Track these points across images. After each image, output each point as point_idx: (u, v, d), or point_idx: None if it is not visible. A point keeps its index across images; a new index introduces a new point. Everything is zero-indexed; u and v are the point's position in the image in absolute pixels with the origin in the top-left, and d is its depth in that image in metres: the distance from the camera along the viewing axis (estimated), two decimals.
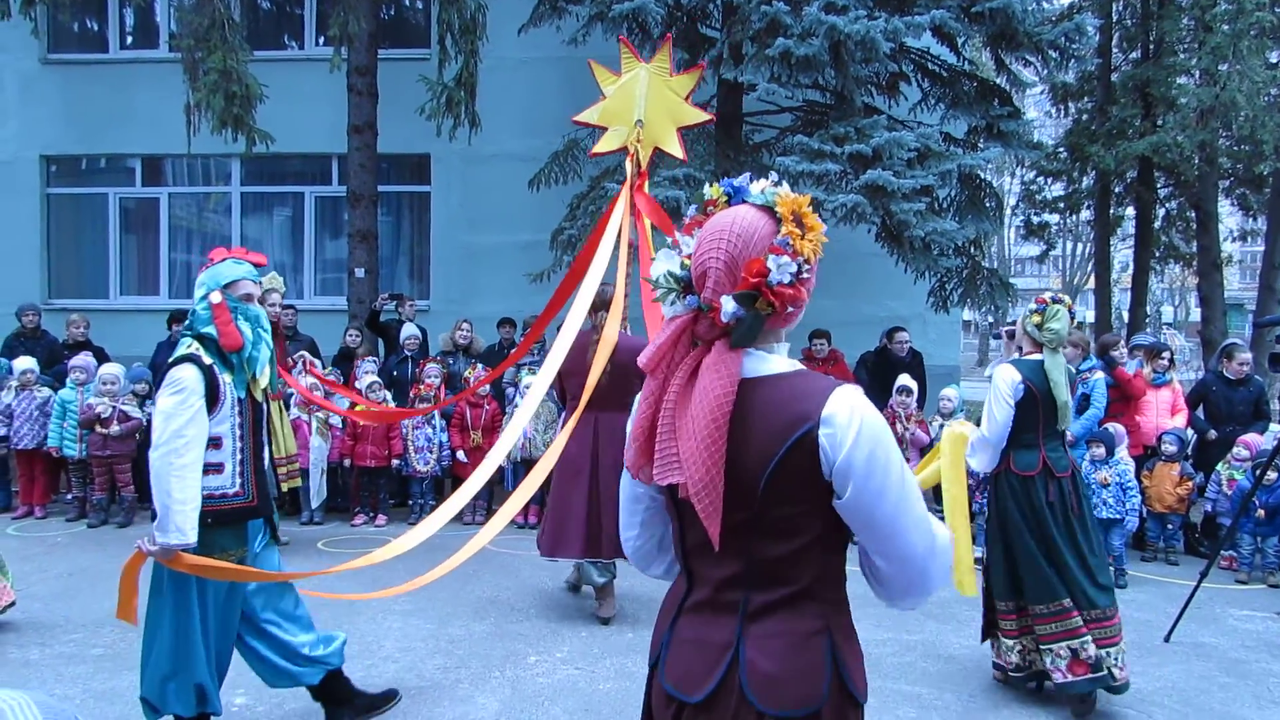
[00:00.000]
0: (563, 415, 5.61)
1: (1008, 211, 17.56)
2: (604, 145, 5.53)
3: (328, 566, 5.83)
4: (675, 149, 5.63)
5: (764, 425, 1.47)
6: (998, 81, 9.80)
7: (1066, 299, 4.23)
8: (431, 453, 7.66)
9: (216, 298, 3.15)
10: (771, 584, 1.52)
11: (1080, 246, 32.11)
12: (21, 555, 6.20)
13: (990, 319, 20.46)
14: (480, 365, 7.99)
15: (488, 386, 7.56)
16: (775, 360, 1.55)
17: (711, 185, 1.57)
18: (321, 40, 11.59)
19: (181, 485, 2.95)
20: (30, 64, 11.89)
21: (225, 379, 3.13)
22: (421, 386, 7.61)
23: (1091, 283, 21.68)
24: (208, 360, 3.08)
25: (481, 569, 6.06)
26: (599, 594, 5.26)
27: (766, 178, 1.58)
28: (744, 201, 1.55)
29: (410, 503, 7.79)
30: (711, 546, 1.46)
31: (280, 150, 9.59)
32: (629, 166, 5.37)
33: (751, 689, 1.47)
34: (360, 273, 9.74)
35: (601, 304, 5.05)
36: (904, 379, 7.45)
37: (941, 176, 8.13)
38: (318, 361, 7.83)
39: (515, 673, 4.40)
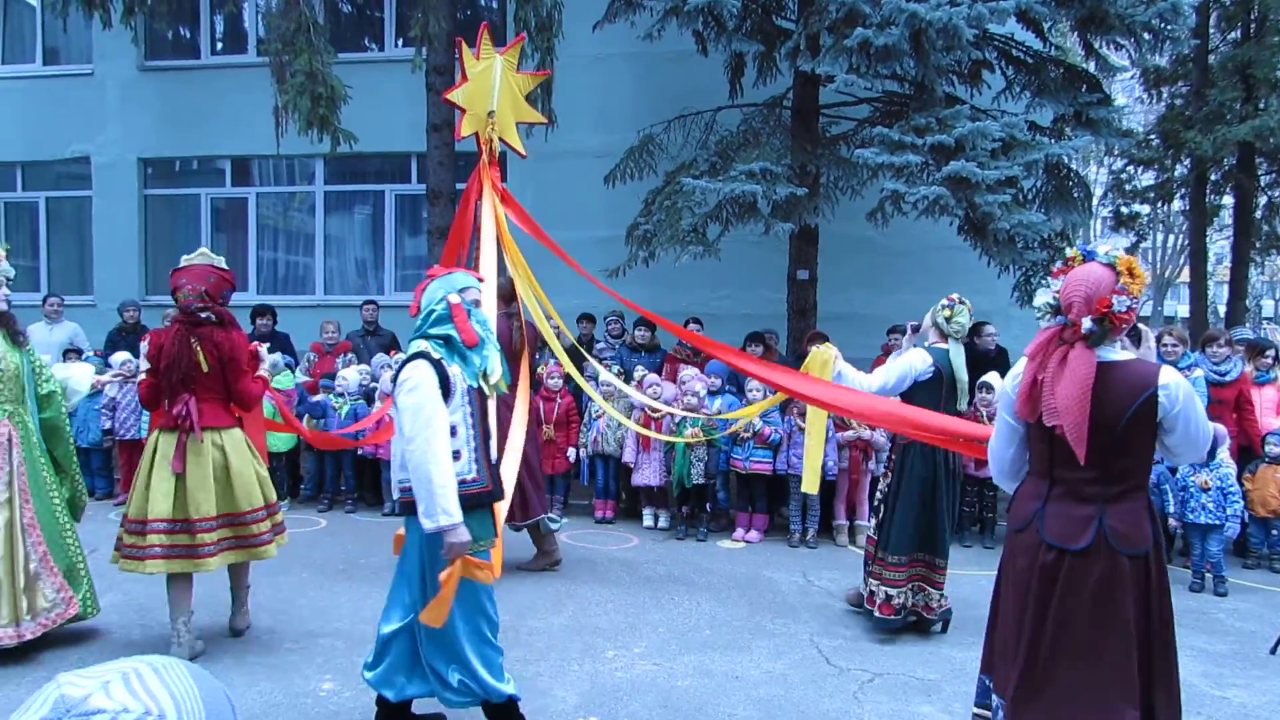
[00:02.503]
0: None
1: (1096, 202, 16.96)
2: (466, 128, 5.65)
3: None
4: (518, 144, 5.93)
5: (1118, 389, 2.57)
6: (1086, 67, 9.46)
7: (968, 301, 5.14)
8: None
9: (455, 299, 3.38)
10: (1118, 481, 2.62)
11: (1172, 238, 30.83)
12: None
13: None
14: (553, 361, 8.05)
15: (559, 380, 7.60)
16: (1116, 352, 2.66)
17: (1072, 249, 2.73)
18: (401, 41, 11.83)
19: (439, 470, 3.12)
20: (129, 71, 12.41)
21: (454, 370, 3.30)
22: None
23: (1185, 275, 20.81)
24: (436, 355, 3.27)
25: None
26: (549, 542, 6.05)
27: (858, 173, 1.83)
28: (1093, 258, 2.68)
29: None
30: (1076, 460, 2.55)
31: (361, 149, 9.82)
32: (482, 155, 5.61)
33: (1113, 539, 2.58)
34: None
35: (508, 295, 5.76)
36: (988, 376, 7.25)
37: (1027, 167, 7.88)
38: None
39: (594, 667, 4.42)
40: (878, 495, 5.20)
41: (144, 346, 4.62)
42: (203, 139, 12.26)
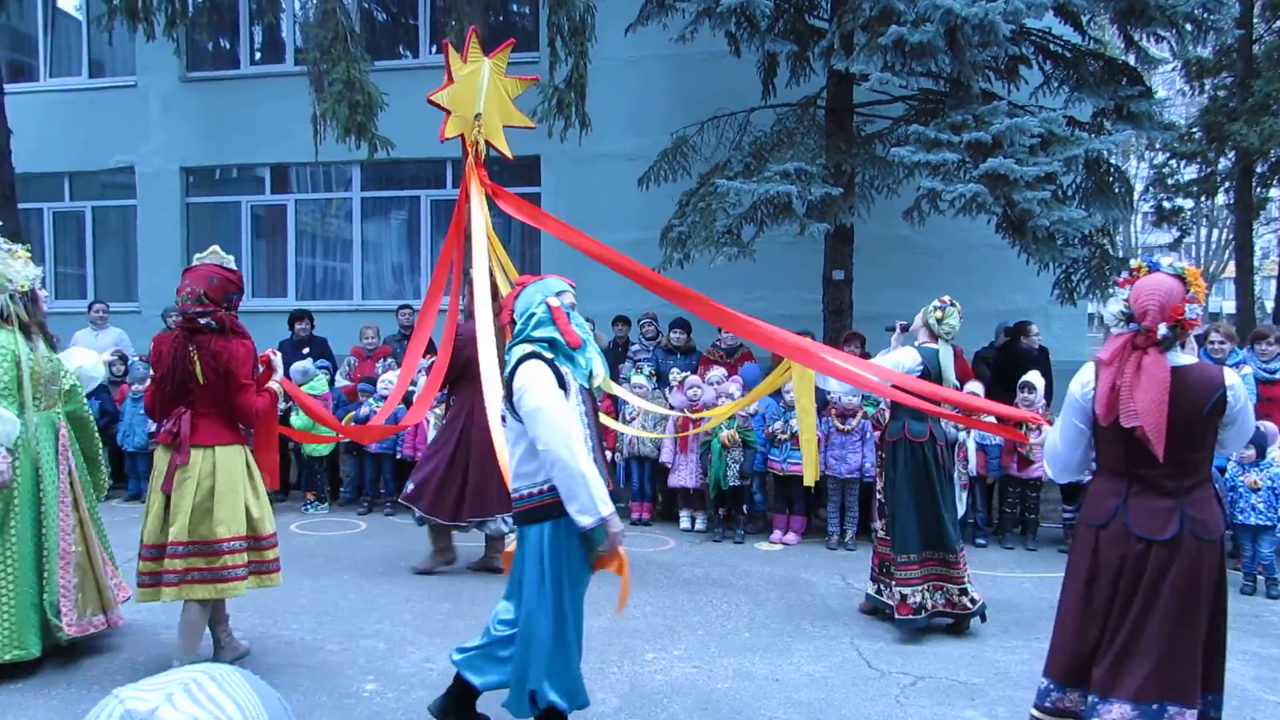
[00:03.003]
0: (455, 398, 6.11)
1: (1137, 197, 16.66)
2: (450, 130, 5.75)
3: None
4: (504, 147, 6.06)
5: (1191, 391, 2.82)
6: (1126, 60, 9.30)
7: (959, 304, 5.22)
8: None
9: (555, 302, 3.37)
10: (1191, 474, 2.88)
11: (1216, 232, 30.19)
12: None
13: None
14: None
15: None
16: (1183, 356, 2.91)
17: (1136, 261, 2.99)
18: (435, 48, 11.94)
19: (587, 463, 3.11)
20: (171, 82, 12.66)
21: (566, 370, 3.30)
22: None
23: (1230, 270, 20.36)
24: (549, 355, 3.27)
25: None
26: (496, 544, 6.02)
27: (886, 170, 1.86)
28: (1158, 269, 2.93)
29: None
30: (1153, 458, 2.77)
31: (397, 156, 9.92)
32: (468, 157, 5.71)
33: (1195, 528, 2.82)
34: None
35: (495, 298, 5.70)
36: (1030, 375, 7.15)
37: (1066, 162, 7.76)
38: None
39: (633, 669, 4.43)
40: (878, 497, 5.25)
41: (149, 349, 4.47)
42: (242, 147, 12.47)
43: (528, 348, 3.29)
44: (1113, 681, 2.85)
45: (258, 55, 13.05)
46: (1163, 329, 2.82)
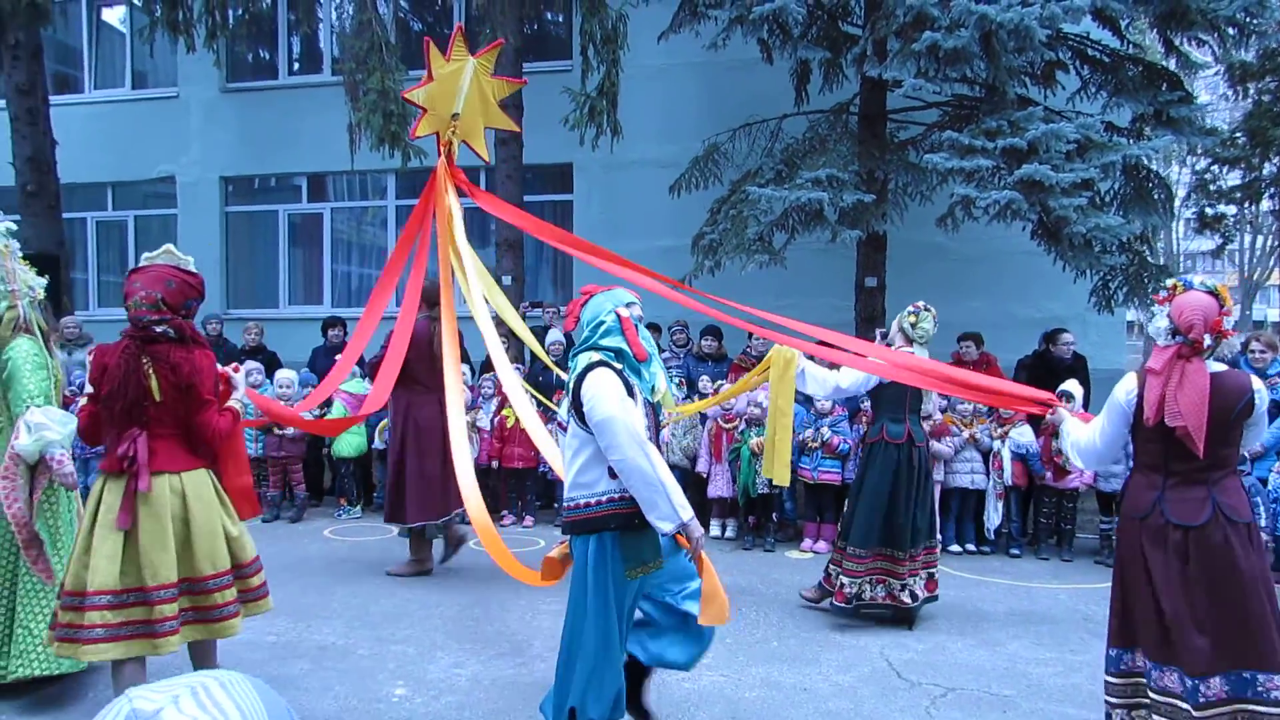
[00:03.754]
0: (404, 399, 6.09)
1: (1178, 203, 16.37)
2: (423, 128, 5.67)
3: (477, 569, 6.03)
4: (482, 148, 6.01)
5: (1225, 394, 3.19)
6: (1166, 64, 9.15)
7: (933, 309, 5.40)
8: None
9: (625, 313, 3.34)
10: (1221, 466, 3.24)
11: (1260, 239, 29.54)
12: None
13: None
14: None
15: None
16: (1215, 364, 3.30)
17: (1173, 280, 3.35)
18: None
19: (662, 468, 3.06)
20: (211, 93, 12.91)
21: (634, 382, 3.26)
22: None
23: (1275, 278, 19.92)
24: (618, 365, 3.22)
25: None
26: (451, 541, 6.15)
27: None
28: (1191, 287, 3.28)
29: (556, 505, 7.97)
30: (1190, 454, 3.13)
31: (431, 164, 9.98)
32: (440, 156, 5.69)
33: (1225, 512, 3.18)
34: (506, 280, 10.04)
35: (431, 298, 5.80)
36: (1068, 384, 7.03)
37: (1104, 169, 7.65)
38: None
39: (660, 677, 4.39)
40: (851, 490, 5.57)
41: (87, 362, 3.74)
42: (280, 157, 12.67)
43: (595, 356, 3.22)
44: (1167, 657, 3.21)
45: (295, 66, 13.27)
46: (1208, 339, 3.21)
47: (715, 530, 7.48)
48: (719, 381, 7.71)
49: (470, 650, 4.71)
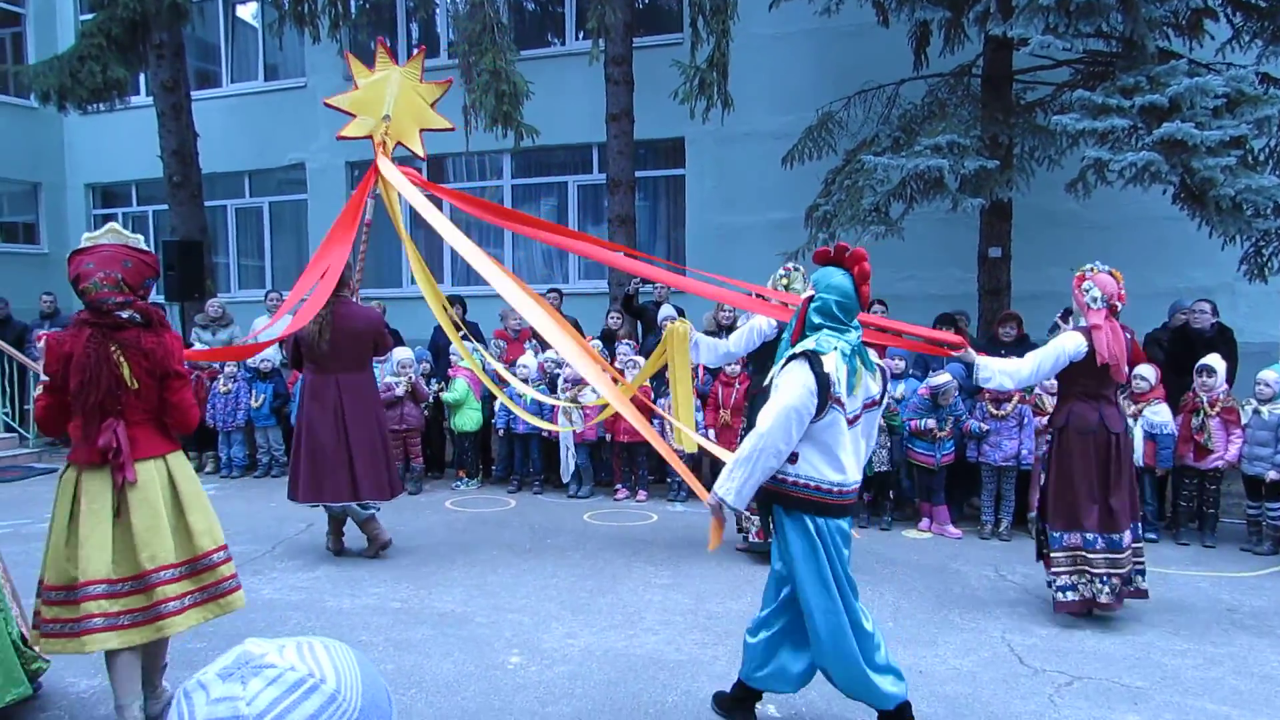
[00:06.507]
0: (304, 378, 6.19)
1: None
2: (350, 130, 6.34)
3: (591, 542, 6.13)
4: (417, 147, 6.51)
5: (1124, 342, 4.81)
6: None
7: (802, 268, 5.61)
8: None
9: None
10: (1119, 391, 5.11)
11: None
12: None
13: None
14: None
15: (737, 368, 7.56)
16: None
17: (1090, 265, 4.72)
18: (580, 35, 12.10)
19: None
20: (336, 81, 13.32)
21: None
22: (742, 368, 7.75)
23: None
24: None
25: (738, 552, 6.12)
26: (367, 529, 6.07)
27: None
28: (1101, 270, 4.75)
29: (669, 479, 8.01)
30: (1115, 382, 4.82)
31: (545, 143, 10.14)
32: (376, 154, 6.15)
33: (1126, 423, 5.06)
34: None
35: (342, 283, 5.93)
36: (1209, 359, 6.59)
37: (1257, 125, 7.05)
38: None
39: None
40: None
41: (39, 348, 3.58)
42: None
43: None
44: (1115, 522, 4.65)
45: (414, 51, 13.60)
46: (1118, 305, 4.60)
47: None
48: None
49: (583, 621, 4.80)
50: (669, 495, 7.87)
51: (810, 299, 3.38)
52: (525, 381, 8.29)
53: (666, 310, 8.70)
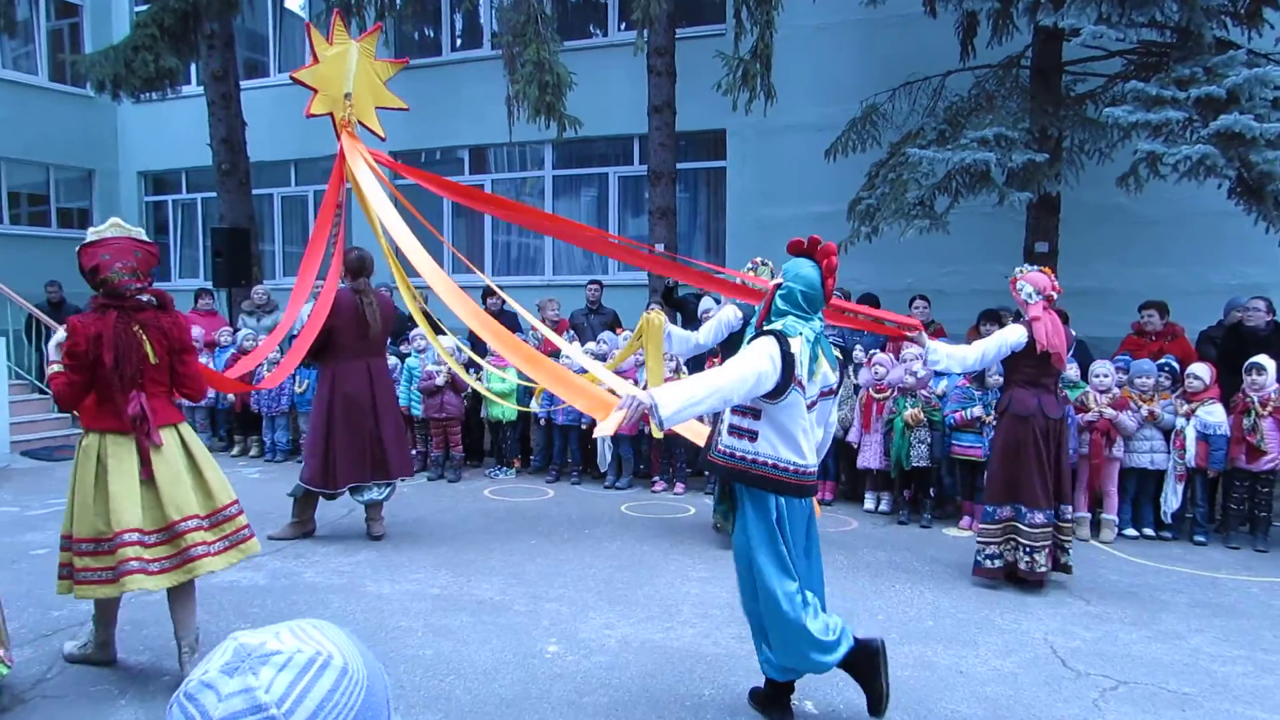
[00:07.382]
0: (323, 368, 6.29)
1: None
2: (315, 108, 6.13)
3: (628, 533, 6.14)
4: (376, 126, 6.38)
5: (1064, 332, 5.28)
6: None
7: (770, 262, 5.71)
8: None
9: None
10: (1058, 380, 5.53)
11: None
12: None
13: None
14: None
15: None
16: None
17: (1021, 267, 5.28)
18: (623, 25, 12.08)
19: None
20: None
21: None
22: (715, 360, 7.75)
23: None
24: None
25: None
26: (371, 512, 6.19)
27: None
28: (1032, 269, 5.35)
29: (705, 472, 7.99)
30: (1054, 371, 5.28)
31: (586, 134, 10.14)
32: (341, 136, 6.07)
33: (1066, 411, 5.65)
34: (659, 248, 10.09)
35: (355, 270, 6.23)
36: (1259, 358, 6.42)
37: None
38: None
39: None
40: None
41: (59, 334, 3.76)
42: (445, 131, 13.14)
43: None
44: (1049, 499, 5.14)
45: (458, 41, 13.69)
46: (1055, 297, 4.94)
47: (870, 504, 7.31)
48: (873, 351, 7.49)
49: (620, 612, 4.82)
50: (706, 488, 7.86)
51: (778, 286, 3.50)
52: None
53: (708, 302, 8.66)
